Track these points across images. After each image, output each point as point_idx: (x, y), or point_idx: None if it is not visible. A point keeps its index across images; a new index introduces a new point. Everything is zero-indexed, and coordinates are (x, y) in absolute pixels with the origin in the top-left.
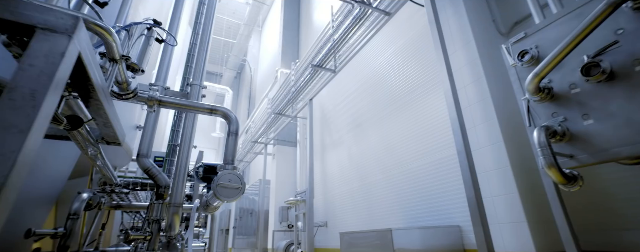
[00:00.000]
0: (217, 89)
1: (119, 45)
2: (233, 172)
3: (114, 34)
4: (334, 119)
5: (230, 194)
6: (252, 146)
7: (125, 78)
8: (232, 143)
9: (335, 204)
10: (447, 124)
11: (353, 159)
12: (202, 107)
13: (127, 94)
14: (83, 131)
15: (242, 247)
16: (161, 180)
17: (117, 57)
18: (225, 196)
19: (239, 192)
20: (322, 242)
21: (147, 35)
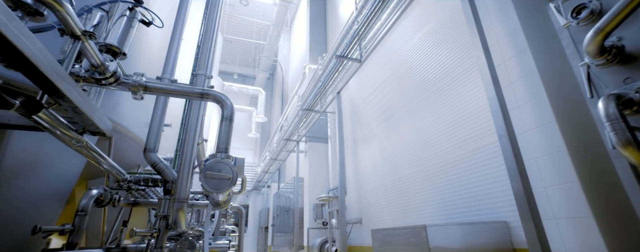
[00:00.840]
0: (251, 90)
1: (74, 19)
2: (224, 161)
3: (65, 5)
4: (364, 112)
5: (220, 186)
6: (285, 144)
7: (100, 60)
8: (226, 129)
9: (368, 200)
10: (485, 109)
11: (385, 153)
12: (191, 91)
13: (105, 78)
14: (49, 118)
15: (280, 245)
16: (168, 175)
17: (77, 32)
18: (213, 187)
19: (230, 183)
20: (356, 239)
21: (129, 17)
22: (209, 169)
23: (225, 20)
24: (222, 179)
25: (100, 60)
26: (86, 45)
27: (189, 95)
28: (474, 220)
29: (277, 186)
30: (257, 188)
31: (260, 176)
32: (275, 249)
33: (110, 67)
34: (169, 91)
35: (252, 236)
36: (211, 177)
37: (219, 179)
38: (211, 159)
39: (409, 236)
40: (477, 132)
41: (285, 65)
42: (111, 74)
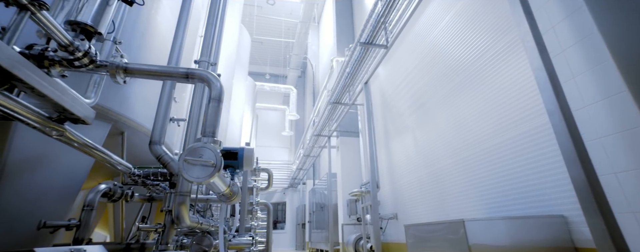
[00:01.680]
0: (282, 89)
1: None
2: (207, 146)
3: None
4: (394, 103)
5: (200, 173)
6: (317, 140)
7: (66, 38)
8: (213, 111)
9: (403, 195)
10: (529, 88)
11: (418, 144)
12: (175, 72)
13: (77, 58)
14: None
15: (318, 242)
16: (173, 168)
17: (22, 0)
18: (192, 175)
19: (214, 170)
20: (392, 236)
21: None
22: (189, 154)
23: (254, 21)
24: (204, 166)
25: (68, 39)
26: (41, 18)
27: (173, 76)
28: (521, 214)
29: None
30: (293, 185)
31: (295, 173)
32: (312, 246)
33: (81, 46)
34: (150, 72)
35: (290, 233)
36: (190, 163)
37: (200, 166)
38: (194, 144)
39: (446, 232)
40: (521, 115)
41: (315, 61)
42: (83, 54)
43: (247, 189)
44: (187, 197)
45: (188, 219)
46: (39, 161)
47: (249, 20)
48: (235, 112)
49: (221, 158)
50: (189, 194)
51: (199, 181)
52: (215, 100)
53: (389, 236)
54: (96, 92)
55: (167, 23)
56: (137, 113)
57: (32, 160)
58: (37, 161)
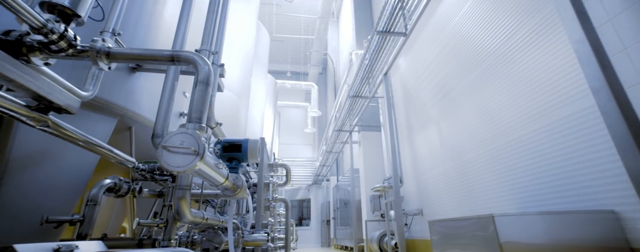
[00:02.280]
0: (303, 86)
1: None
2: (188, 132)
3: None
4: (417, 94)
5: (181, 162)
6: (338, 135)
7: (39, 21)
8: (200, 95)
9: (428, 190)
10: (567, 68)
11: (443, 136)
12: (160, 55)
13: (53, 42)
14: None
15: (342, 238)
16: None
17: None
18: (171, 163)
19: (195, 158)
20: (418, 232)
21: None
22: (169, 141)
23: (273, 20)
24: (185, 154)
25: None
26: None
27: (158, 59)
28: (560, 209)
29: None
30: (317, 182)
31: (318, 169)
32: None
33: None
34: (134, 56)
35: (315, 230)
36: (170, 150)
37: (181, 154)
38: (176, 130)
39: (474, 228)
40: (557, 99)
41: (336, 57)
42: (59, 37)
43: (264, 185)
44: (188, 191)
45: (189, 214)
46: (43, 156)
47: (268, 19)
48: (255, 110)
49: (204, 145)
50: (189, 188)
51: (180, 169)
52: (203, 83)
53: (414, 232)
54: (95, 85)
55: (173, 17)
56: (144, 107)
57: (36, 155)
58: (41, 156)
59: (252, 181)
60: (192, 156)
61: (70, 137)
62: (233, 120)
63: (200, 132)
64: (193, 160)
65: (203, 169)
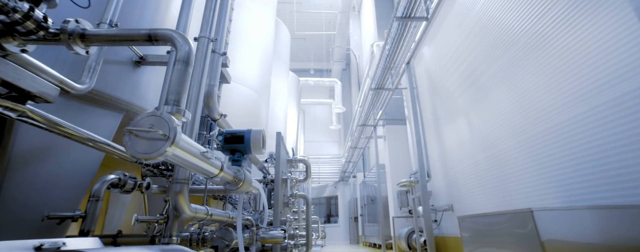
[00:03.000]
0: (326, 82)
1: None
2: (157, 113)
3: None
4: (443, 83)
5: (147, 147)
6: (362, 130)
7: None
8: (179, 75)
9: (458, 184)
10: (619, 40)
11: (473, 126)
12: (137, 34)
13: (18, 23)
14: None
15: (370, 235)
16: None
17: None
18: (138, 149)
19: (165, 143)
20: (449, 229)
21: None
22: (136, 124)
23: (294, 18)
24: (153, 139)
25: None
26: None
27: (135, 40)
28: (615, 202)
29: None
30: (344, 179)
31: (344, 166)
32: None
33: (18, 7)
34: (110, 38)
35: (343, 227)
36: (137, 135)
37: (148, 140)
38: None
39: (510, 225)
40: (605, 79)
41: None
42: (23, 16)
43: (281, 181)
44: (185, 185)
45: (188, 209)
46: (46, 152)
47: (289, 17)
48: (278, 108)
49: (177, 128)
50: (187, 182)
51: (148, 156)
52: (181, 62)
53: (444, 229)
54: (92, 77)
55: None
56: (150, 102)
57: (39, 151)
58: (44, 152)
59: (270, 176)
60: (161, 141)
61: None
62: (253, 118)
63: (176, 116)
64: (162, 145)
65: (181, 157)
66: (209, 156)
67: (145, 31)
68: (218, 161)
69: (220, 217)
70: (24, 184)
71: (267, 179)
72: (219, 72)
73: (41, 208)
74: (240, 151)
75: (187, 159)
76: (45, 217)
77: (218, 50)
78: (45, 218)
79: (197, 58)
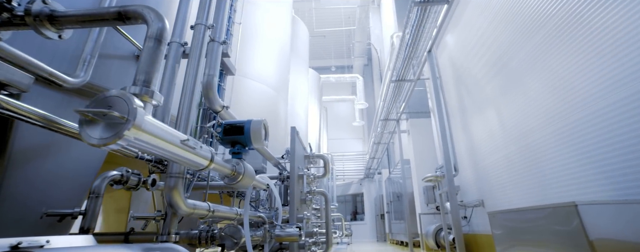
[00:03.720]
0: (348, 78)
1: None
2: (114, 93)
3: None
4: (468, 72)
5: (104, 132)
6: (385, 125)
7: None
8: (149, 54)
9: (489, 178)
10: None
11: (503, 116)
12: (106, 12)
13: None
14: None
15: (397, 233)
16: None
17: None
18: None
19: (123, 127)
20: (480, 226)
21: None
22: (92, 104)
23: (313, 15)
24: (111, 124)
25: None
26: None
27: (106, 19)
28: None
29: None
30: (369, 176)
31: (369, 162)
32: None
33: None
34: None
35: (370, 224)
36: (91, 118)
37: (105, 122)
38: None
39: (551, 221)
40: None
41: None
42: None
43: (297, 177)
44: (180, 179)
45: (183, 205)
46: (47, 148)
47: (308, 15)
48: (299, 105)
49: (138, 110)
50: (182, 176)
51: (104, 142)
52: (152, 39)
53: (475, 226)
54: (86, 71)
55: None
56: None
57: (40, 148)
58: (45, 148)
59: (286, 173)
60: (118, 125)
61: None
62: (272, 115)
63: (144, 99)
64: (120, 129)
65: (151, 143)
66: (193, 144)
67: (115, 9)
68: (207, 151)
69: (225, 214)
70: (25, 181)
71: (283, 175)
72: (219, 61)
73: (43, 206)
74: (241, 142)
75: (162, 147)
76: (44, 214)
77: (218, 39)
78: (43, 215)
79: (193, 46)
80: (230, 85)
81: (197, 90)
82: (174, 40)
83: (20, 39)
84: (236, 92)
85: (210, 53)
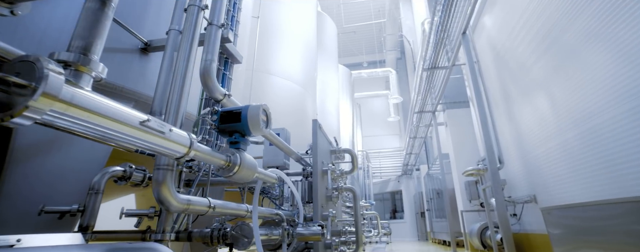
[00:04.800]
0: (380, 73)
1: None
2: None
3: None
4: (511, 53)
5: (7, 103)
6: (420, 118)
7: None
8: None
9: (541, 169)
10: None
11: (555, 99)
12: None
13: None
14: None
15: (439, 232)
16: None
17: None
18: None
19: (32, 95)
20: (534, 225)
21: None
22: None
23: (342, 11)
24: (18, 95)
25: None
26: None
27: None
28: None
29: (426, 167)
30: (407, 172)
31: (406, 158)
32: (435, 237)
33: None
34: None
35: (410, 223)
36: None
37: (10, 93)
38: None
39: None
40: None
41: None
42: None
43: (321, 172)
44: (169, 172)
45: (174, 200)
46: (50, 144)
47: (336, 12)
48: (329, 103)
49: (50, 77)
50: (172, 169)
51: (4, 116)
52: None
53: (527, 224)
54: None
55: None
56: None
57: (43, 143)
58: (49, 144)
59: (310, 168)
60: (22, 96)
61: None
62: (299, 113)
63: (82, 69)
64: (24, 99)
65: (90, 121)
66: (157, 126)
67: None
68: (182, 136)
69: (232, 211)
70: (28, 178)
71: (306, 171)
72: (217, 46)
73: (46, 203)
74: (239, 131)
75: (110, 128)
76: (41, 211)
77: (216, 22)
78: (41, 212)
79: (185, 29)
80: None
81: (187, 75)
82: (173, 27)
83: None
84: (261, 89)
85: (208, 38)
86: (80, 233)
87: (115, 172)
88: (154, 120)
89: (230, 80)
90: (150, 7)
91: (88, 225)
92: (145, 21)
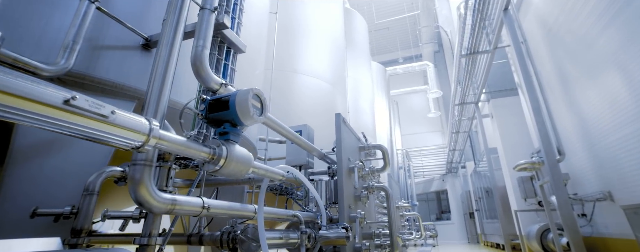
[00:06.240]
0: (416, 67)
1: None
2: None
3: None
4: (567, 27)
5: None
6: (462, 110)
7: None
8: None
9: (617, 160)
10: None
11: (632, 74)
12: None
13: None
14: None
15: (491, 234)
16: None
17: None
18: None
19: None
20: (611, 227)
21: None
22: None
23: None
24: None
25: None
26: None
27: None
28: None
29: (473, 164)
30: (451, 170)
31: (449, 155)
32: (487, 240)
33: None
34: None
35: (458, 224)
36: None
37: None
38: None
39: None
40: None
41: (449, 27)
42: None
43: (347, 170)
44: (146, 168)
45: (154, 200)
46: (50, 145)
47: (367, 9)
48: (363, 101)
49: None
50: (151, 165)
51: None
52: None
53: (602, 227)
54: (68, 58)
55: None
56: None
57: (43, 145)
58: (49, 145)
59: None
60: None
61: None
62: (329, 112)
63: None
64: None
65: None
66: (99, 110)
67: None
68: (136, 121)
69: (234, 212)
70: (27, 180)
71: (332, 169)
72: (210, 31)
73: (44, 206)
74: (229, 120)
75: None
76: (34, 213)
77: (208, 7)
78: (33, 214)
79: (168, 12)
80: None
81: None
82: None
83: None
84: (288, 88)
85: (199, 22)
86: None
87: (112, 172)
88: (82, 99)
89: (234, 71)
90: (152, 2)
91: (82, 228)
92: (147, 17)
